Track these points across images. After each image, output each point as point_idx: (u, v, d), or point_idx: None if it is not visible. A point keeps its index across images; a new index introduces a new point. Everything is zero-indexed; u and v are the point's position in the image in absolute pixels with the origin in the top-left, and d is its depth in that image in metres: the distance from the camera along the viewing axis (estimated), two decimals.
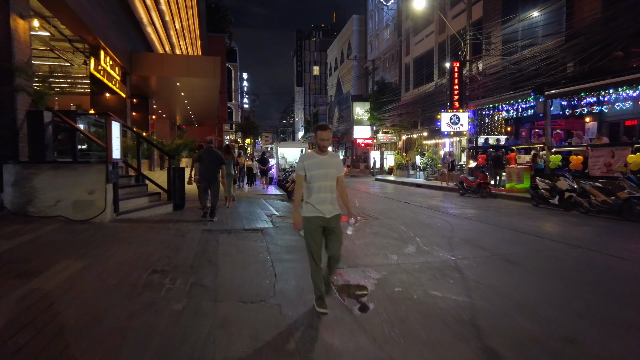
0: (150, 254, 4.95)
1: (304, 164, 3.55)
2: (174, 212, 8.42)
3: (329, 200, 3.58)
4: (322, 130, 3.53)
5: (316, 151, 3.60)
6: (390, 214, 10.16)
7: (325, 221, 3.58)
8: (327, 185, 3.56)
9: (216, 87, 16.57)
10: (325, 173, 3.52)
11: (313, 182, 3.53)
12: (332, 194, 3.61)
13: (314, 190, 3.53)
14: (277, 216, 9.36)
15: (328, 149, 3.62)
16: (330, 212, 3.59)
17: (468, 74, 18.84)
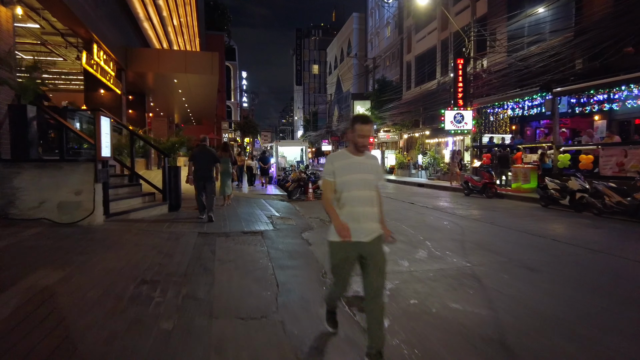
0: (140, 260, 4.53)
1: (333, 166, 2.66)
2: (169, 213, 8.00)
3: (369, 216, 2.69)
4: (363, 123, 2.65)
5: (350, 150, 2.73)
6: (395, 215, 9.75)
7: (364, 247, 2.67)
8: (366, 195, 2.68)
9: (214, 84, 16.13)
10: (364, 180, 2.67)
11: (346, 190, 2.64)
12: (374, 208, 2.73)
13: (348, 203, 2.64)
14: (277, 217, 8.94)
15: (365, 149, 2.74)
16: (370, 233, 2.69)
17: (472, 71, 18.43)
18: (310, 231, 7.69)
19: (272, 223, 8.05)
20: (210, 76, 14.51)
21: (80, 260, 4.25)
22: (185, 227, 6.66)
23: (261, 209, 10.10)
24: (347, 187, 2.64)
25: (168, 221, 7.12)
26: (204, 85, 16.43)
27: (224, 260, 4.87)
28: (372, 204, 2.71)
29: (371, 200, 2.71)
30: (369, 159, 2.77)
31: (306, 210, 10.93)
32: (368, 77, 41.83)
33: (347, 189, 2.64)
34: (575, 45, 12.95)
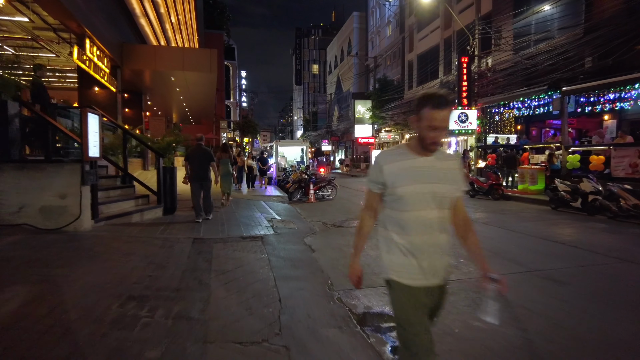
0: (129, 273, 4.10)
1: (383, 170, 1.86)
2: (164, 216, 7.57)
3: (441, 248, 1.87)
4: (436, 108, 1.74)
5: (412, 147, 1.89)
6: None
7: (432, 293, 1.89)
8: (437, 217, 1.83)
9: (213, 82, 15.71)
10: (434, 193, 1.81)
11: (406, 208, 1.83)
12: (445, 236, 1.87)
13: (409, 227, 1.84)
14: (278, 221, 8.52)
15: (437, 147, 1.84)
16: (440, 272, 1.90)
17: (477, 69, 18.03)
18: (313, 236, 7.28)
19: (273, 227, 7.64)
20: (209, 74, 14.08)
21: (59, 275, 3.81)
22: (180, 233, 6.23)
23: (261, 211, 9.67)
24: (407, 202, 1.81)
25: (162, 226, 6.69)
26: (203, 84, 16.00)
27: (220, 271, 4.45)
28: (444, 229, 1.85)
29: (443, 223, 1.84)
30: (442, 161, 1.86)
31: (308, 212, 10.52)
32: (369, 77, 41.42)
33: (408, 206, 1.81)
34: (585, 43, 12.54)
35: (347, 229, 8.11)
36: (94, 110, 5.62)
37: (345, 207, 11.72)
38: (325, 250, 6.14)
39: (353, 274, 2.08)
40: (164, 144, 7.70)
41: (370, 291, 4.19)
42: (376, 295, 4.08)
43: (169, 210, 7.82)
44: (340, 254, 5.89)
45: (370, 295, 4.08)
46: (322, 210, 11.01)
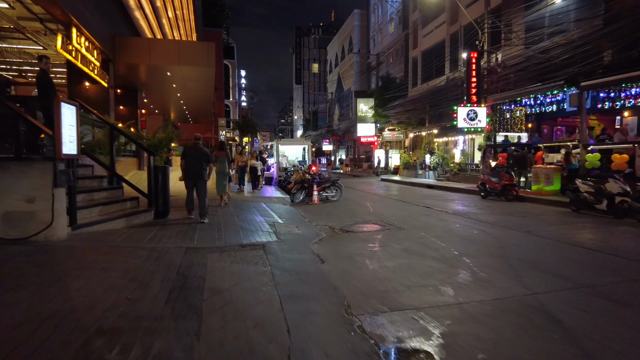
0: (103, 294, 3.36)
1: None
2: (155, 220, 6.84)
3: None
4: None
5: None
6: (414, 222, 8.61)
7: None
8: None
9: (210, 77, 14.97)
10: None
11: None
12: None
13: None
14: (281, 225, 7.79)
15: None
16: None
17: (486, 65, 17.31)
18: (321, 242, 6.55)
19: (275, 232, 6.90)
20: (206, 68, 13.35)
21: (8, 302, 3.06)
22: (171, 241, 5.49)
23: (262, 214, 8.94)
24: None
25: (152, 232, 5.96)
26: (200, 79, 15.26)
27: (215, 291, 3.72)
28: None
29: None
30: None
31: (312, 215, 9.79)
32: (370, 75, 40.69)
33: None
34: (605, 35, 11.82)
35: (356, 234, 7.37)
36: (71, 101, 4.87)
37: (352, 209, 10.99)
38: (336, 260, 5.41)
39: None
40: (156, 141, 6.97)
41: (397, 316, 3.45)
42: (405, 321, 3.34)
43: (160, 214, 7.08)
44: (353, 265, 5.16)
45: (399, 322, 3.34)
46: (327, 213, 10.28)
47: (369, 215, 9.80)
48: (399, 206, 11.65)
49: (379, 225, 8.28)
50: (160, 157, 7.20)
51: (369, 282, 4.44)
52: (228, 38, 56.14)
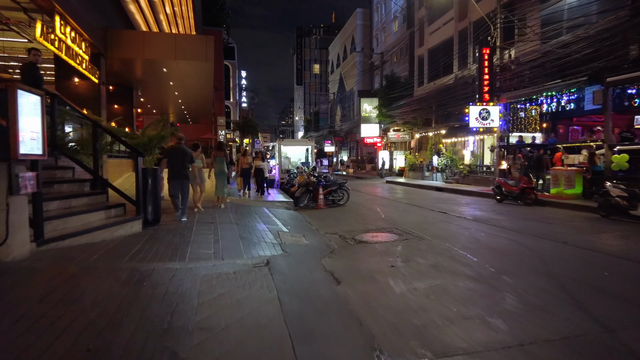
0: (50, 345, 2.51)
1: None
2: (144, 231, 6.01)
3: None
4: None
5: None
6: (434, 230, 7.76)
7: None
8: None
9: (209, 73, 14.15)
10: None
11: None
12: None
13: None
14: (286, 234, 6.95)
15: None
16: None
17: (499, 62, 16.48)
18: (332, 256, 5.71)
19: (281, 244, 6.07)
20: (205, 64, 12.53)
21: None
22: (158, 257, 4.65)
23: (264, 221, 8.10)
24: None
25: (137, 245, 5.12)
26: (198, 76, 14.45)
27: (208, 329, 2.88)
28: None
29: None
30: None
31: (319, 221, 8.95)
32: (373, 74, 39.89)
33: None
34: (634, 26, 10.99)
35: (372, 245, 6.53)
36: (38, 90, 4.04)
37: (361, 214, 10.15)
38: (354, 280, 4.57)
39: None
40: (145, 140, 6.13)
41: None
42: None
43: (150, 223, 6.26)
44: (376, 287, 4.32)
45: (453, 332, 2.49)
46: (335, 219, 9.44)
47: (381, 221, 8.96)
48: (412, 211, 10.80)
49: (395, 234, 7.43)
50: (152, 157, 6.36)
51: (400, 312, 3.60)
52: (228, 38, 55.46)
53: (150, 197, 6.20)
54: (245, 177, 12.45)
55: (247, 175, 12.43)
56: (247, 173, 12.40)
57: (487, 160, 20.33)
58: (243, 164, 12.27)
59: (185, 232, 6.19)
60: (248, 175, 12.45)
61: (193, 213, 8.37)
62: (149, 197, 6.17)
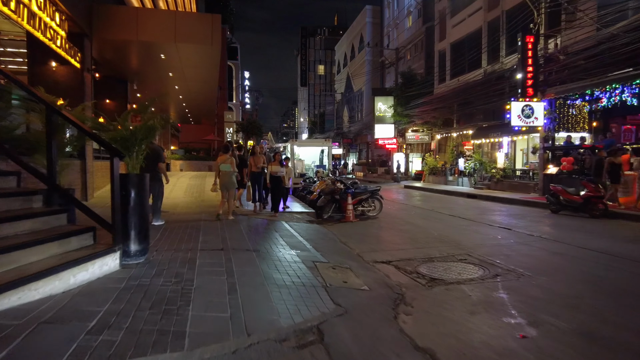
0: None
1: None
2: (122, 269, 3.99)
3: None
4: None
5: None
6: (520, 258, 5.75)
7: None
8: None
9: (214, 61, 12.18)
10: None
11: None
12: None
13: None
14: (326, 267, 4.92)
15: None
16: None
17: (543, 52, 14.49)
18: (411, 311, 3.70)
19: (326, 286, 4.07)
20: (210, 48, 10.56)
21: None
22: (134, 345, 2.62)
23: (290, 242, 6.09)
24: None
25: (103, 306, 3.12)
26: (202, 65, 12.48)
27: None
28: None
29: None
30: None
31: (356, 242, 6.93)
32: (385, 73, 37.96)
33: None
34: None
35: (456, 287, 4.50)
36: None
37: (405, 230, 8.13)
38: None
39: None
40: (125, 134, 4.10)
41: None
42: None
43: (133, 255, 4.25)
44: None
45: None
46: (375, 238, 7.44)
47: (438, 242, 6.94)
48: (464, 226, 8.77)
49: (472, 264, 5.42)
50: (136, 158, 4.35)
51: None
52: (232, 37, 53.73)
53: (134, 217, 4.20)
54: (255, 185, 9.50)
55: (257, 181, 9.41)
56: (257, 178, 9.38)
57: (518, 163, 18.32)
58: (253, 167, 9.39)
59: (185, 270, 4.17)
60: (259, 181, 9.42)
61: (197, 233, 6.40)
62: (131, 217, 4.17)
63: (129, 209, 4.16)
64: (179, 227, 6.99)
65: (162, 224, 7.01)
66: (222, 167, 7.93)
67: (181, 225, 7.10)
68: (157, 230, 6.50)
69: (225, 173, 7.93)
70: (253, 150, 10.02)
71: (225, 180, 7.99)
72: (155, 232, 6.30)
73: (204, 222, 7.54)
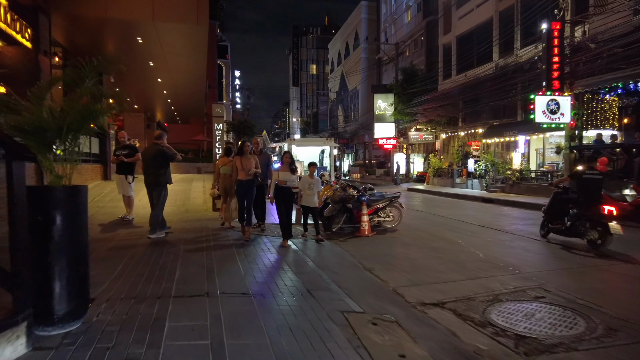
0: None
1: None
2: (32, 355, 2.32)
3: None
4: None
5: None
6: (616, 294, 4.19)
7: None
8: None
9: (202, 47, 10.48)
10: None
11: None
12: None
13: None
14: (363, 321, 3.27)
15: None
16: None
17: (569, 41, 13.08)
18: None
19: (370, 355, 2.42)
20: (196, 28, 8.86)
21: None
22: None
23: (299, 274, 4.45)
24: None
25: None
26: (187, 52, 10.76)
27: None
28: None
29: None
30: None
31: (382, 266, 5.34)
32: (382, 70, 36.52)
33: None
34: None
35: (569, 354, 2.90)
36: None
37: (439, 249, 6.54)
38: None
39: None
40: (47, 121, 2.43)
41: None
42: None
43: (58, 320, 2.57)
44: None
45: None
46: (405, 260, 5.84)
47: (488, 266, 5.38)
48: (508, 242, 7.22)
49: (561, 307, 3.86)
50: (66, 161, 2.65)
51: None
52: (222, 35, 51.88)
53: (60, 260, 2.52)
54: (243, 199, 6.40)
55: (245, 193, 6.35)
56: (245, 190, 6.34)
57: (532, 164, 16.93)
58: (240, 173, 6.33)
59: (143, 350, 2.50)
60: (248, 194, 6.38)
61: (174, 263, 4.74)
62: (54, 261, 2.50)
63: (49, 247, 2.48)
64: (152, 251, 5.32)
65: (163, 236, 6.16)
66: (223, 170, 7.45)
67: (155, 249, 5.43)
68: (120, 257, 4.82)
69: (226, 176, 7.36)
70: (241, 149, 6.40)
71: (226, 183, 7.39)
72: (117, 260, 4.62)
73: (186, 244, 5.87)
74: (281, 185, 6.44)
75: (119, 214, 8.07)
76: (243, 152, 6.42)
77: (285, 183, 6.46)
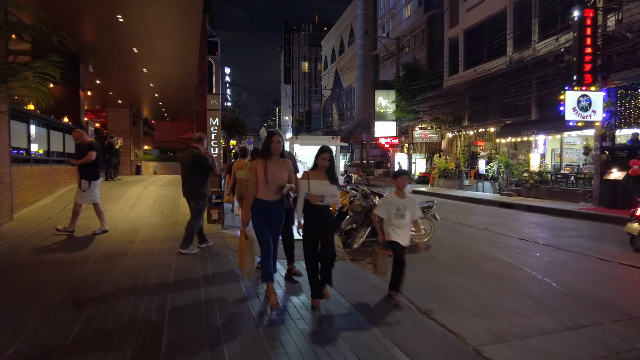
0: None
1: None
2: None
3: None
4: None
5: None
6: None
7: None
8: None
9: (194, 28, 8.97)
10: None
11: None
12: None
13: None
14: None
15: None
16: None
17: (601, 30, 11.90)
18: None
19: None
20: (187, 5, 7.38)
21: None
22: None
23: (340, 327, 3.05)
24: None
25: None
26: (175, 35, 9.24)
27: None
28: None
29: None
30: None
31: (438, 303, 3.95)
32: (379, 67, 35.25)
33: None
34: None
35: None
36: None
37: (496, 274, 5.19)
38: None
39: None
40: None
41: None
42: None
43: None
44: None
45: None
46: (463, 293, 4.49)
47: (576, 303, 4.08)
48: (570, 262, 5.92)
49: None
50: None
51: None
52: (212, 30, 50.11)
53: None
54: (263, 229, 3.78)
55: (274, 221, 3.88)
56: (275, 216, 3.87)
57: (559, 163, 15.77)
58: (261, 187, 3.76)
59: None
60: (277, 222, 3.92)
61: (161, 313, 3.31)
62: None
63: None
64: (130, 288, 3.87)
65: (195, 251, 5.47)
66: (240, 174, 6.62)
67: (134, 285, 3.98)
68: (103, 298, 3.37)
69: (242, 181, 6.48)
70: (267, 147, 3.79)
71: (242, 189, 6.40)
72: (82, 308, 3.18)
73: (177, 273, 4.41)
74: (314, 203, 3.72)
75: (93, 227, 6.57)
76: (270, 153, 3.74)
77: (322, 199, 3.72)
